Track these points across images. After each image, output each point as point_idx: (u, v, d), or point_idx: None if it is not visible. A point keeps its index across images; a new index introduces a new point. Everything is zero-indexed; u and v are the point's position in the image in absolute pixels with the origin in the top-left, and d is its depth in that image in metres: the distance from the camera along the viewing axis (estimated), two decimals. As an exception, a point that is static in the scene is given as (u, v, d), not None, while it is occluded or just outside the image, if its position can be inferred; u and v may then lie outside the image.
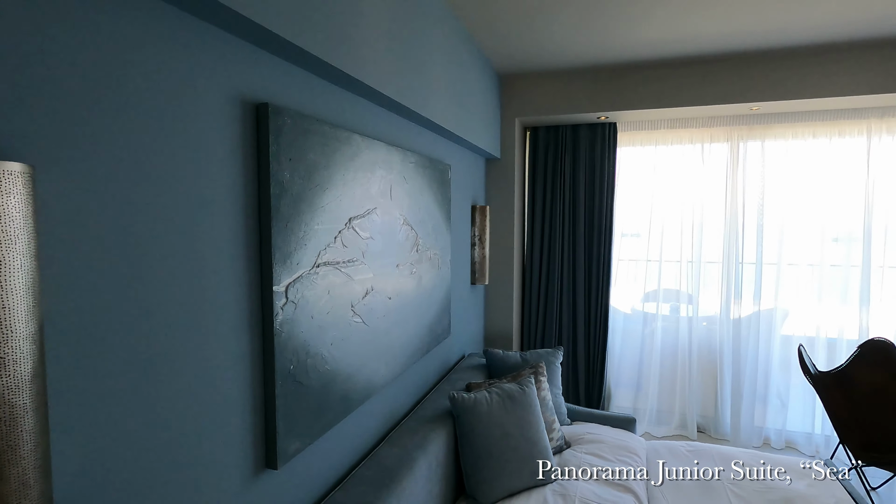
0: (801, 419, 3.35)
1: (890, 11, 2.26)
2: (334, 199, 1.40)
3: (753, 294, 3.39)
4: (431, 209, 2.21)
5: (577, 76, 3.17)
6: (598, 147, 3.46)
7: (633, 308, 3.77)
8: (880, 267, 3.13)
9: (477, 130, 2.72)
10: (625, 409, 3.64)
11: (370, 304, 1.64)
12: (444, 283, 2.43)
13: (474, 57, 2.66)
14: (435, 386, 2.41)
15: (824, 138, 3.16)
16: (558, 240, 3.54)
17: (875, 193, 3.08)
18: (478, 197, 3.19)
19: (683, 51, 2.78)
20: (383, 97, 1.63)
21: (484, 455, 1.92)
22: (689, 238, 3.47)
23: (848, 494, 1.98)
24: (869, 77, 2.70)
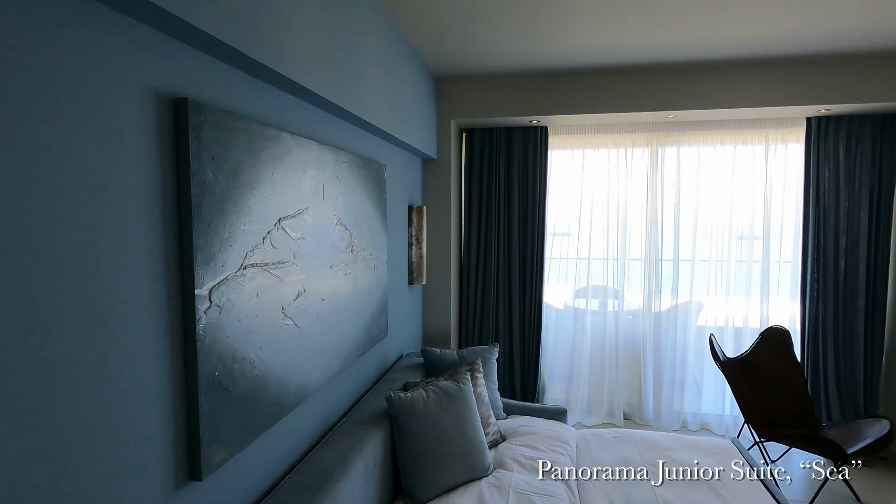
0: (713, 402, 3.66)
1: (784, 32, 2.52)
2: (262, 199, 1.36)
3: (672, 289, 3.65)
4: (366, 209, 2.20)
5: (511, 81, 3.27)
6: (530, 149, 3.58)
7: (565, 304, 3.94)
8: (777, 262, 3.48)
9: (412, 131, 2.74)
10: (558, 400, 3.80)
11: (302, 306, 1.60)
12: (381, 283, 2.42)
13: (409, 58, 2.67)
14: (372, 387, 2.39)
15: (730, 145, 3.47)
16: (494, 239, 3.63)
17: (772, 196, 3.42)
18: (415, 197, 3.21)
19: (609, 61, 2.94)
20: (314, 95, 1.60)
21: (421, 453, 1.94)
22: (615, 237, 3.68)
23: (750, 466, 2.19)
24: (767, 92, 3.00)
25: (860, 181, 3.18)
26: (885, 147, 3.15)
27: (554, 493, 1.98)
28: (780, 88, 2.98)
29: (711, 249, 3.58)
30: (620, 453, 2.34)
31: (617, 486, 2.08)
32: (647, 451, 2.33)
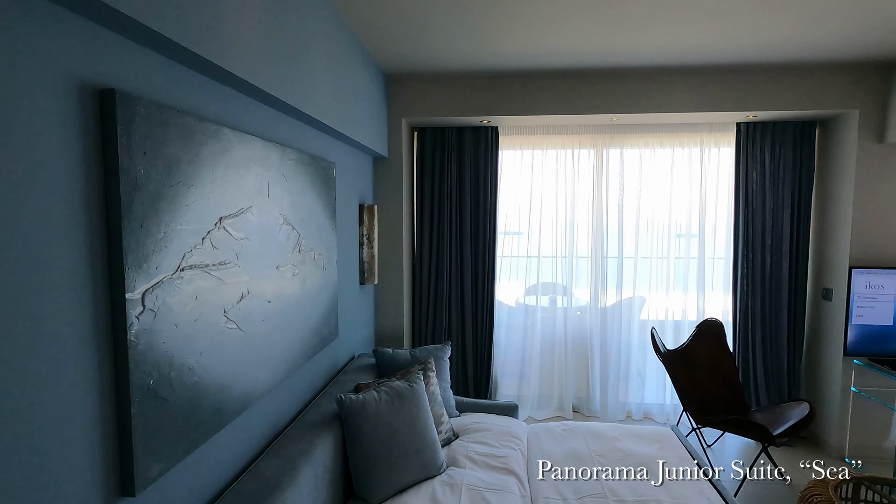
0: (656, 392, 3.85)
1: (715, 43, 2.68)
2: (201, 198, 1.29)
3: (616, 285, 3.80)
4: (315, 208, 2.15)
5: (462, 81, 3.29)
6: (481, 149, 3.62)
7: (516, 301, 4.02)
8: (711, 258, 3.70)
9: (362, 129, 2.70)
10: (510, 396, 3.86)
11: (247, 308, 1.55)
12: (331, 283, 2.37)
13: (359, 55, 2.63)
14: (323, 389, 2.35)
15: (669, 148, 3.66)
16: (446, 238, 3.65)
17: (707, 196, 3.64)
18: (366, 196, 3.17)
19: (556, 64, 3.02)
20: (257, 90, 1.55)
21: (373, 455, 1.92)
22: (564, 235, 3.79)
23: (689, 454, 2.32)
24: (701, 98, 3.18)
25: (783, 183, 3.44)
26: (804, 151, 3.42)
27: (505, 487, 2.01)
28: (712, 95, 3.17)
29: (652, 247, 3.76)
30: (569, 445, 2.41)
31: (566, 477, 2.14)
32: (595, 443, 2.41)
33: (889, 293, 3.05)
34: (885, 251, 3.14)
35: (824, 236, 3.42)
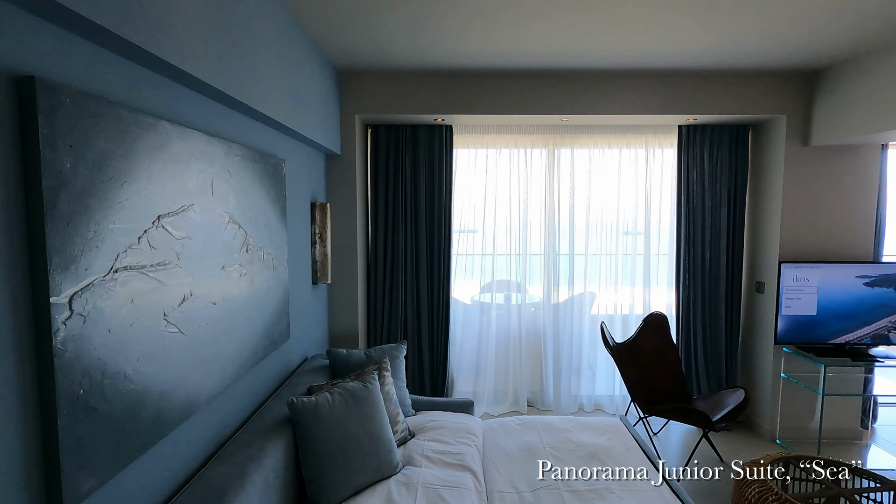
0: (606, 384, 3.98)
1: (658, 49, 2.80)
2: (137, 194, 1.22)
3: (568, 281, 3.91)
4: (264, 206, 2.08)
5: (416, 78, 3.27)
6: (436, 147, 3.62)
7: (472, 299, 4.05)
8: (656, 254, 3.87)
9: (314, 125, 2.64)
10: (466, 393, 3.89)
11: (189, 311, 1.48)
12: (281, 283, 2.30)
13: (309, 49, 2.57)
14: (274, 393, 2.28)
15: (616, 149, 3.79)
16: (401, 237, 3.63)
17: (652, 195, 3.80)
18: (318, 194, 3.10)
19: (509, 64, 3.07)
20: (199, 82, 1.48)
21: (327, 458, 1.88)
22: (517, 233, 3.86)
23: (635, 441, 2.42)
24: (646, 101, 3.31)
25: (720, 182, 3.64)
26: (738, 153, 3.63)
27: (461, 483, 2.03)
28: (655, 98, 3.31)
29: (602, 244, 3.89)
30: (524, 439, 2.45)
31: (519, 470, 2.18)
32: (548, 435, 2.47)
33: (813, 285, 3.30)
34: (810, 246, 3.39)
35: (757, 233, 3.65)
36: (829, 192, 3.36)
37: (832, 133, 3.14)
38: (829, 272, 3.28)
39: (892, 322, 3.27)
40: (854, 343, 3.30)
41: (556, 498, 1.97)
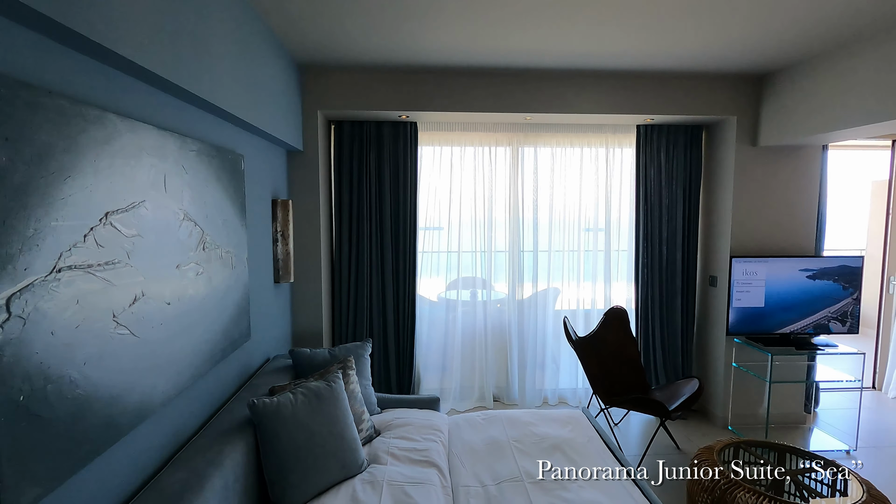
0: (569, 378, 4.07)
1: (617, 50, 2.87)
2: (82, 190, 1.17)
3: (532, 277, 3.97)
4: (221, 203, 2.02)
5: (378, 74, 3.25)
6: (401, 144, 3.61)
7: (438, 296, 4.06)
8: (616, 251, 3.98)
9: (274, 120, 2.58)
10: (433, 390, 3.91)
11: (141, 311, 1.42)
12: (241, 282, 2.25)
13: (268, 42, 2.51)
14: (235, 394, 2.22)
15: (578, 147, 3.87)
16: (366, 234, 3.60)
17: (612, 193, 3.90)
18: (280, 191, 3.03)
19: (473, 62, 3.08)
20: (150, 74, 1.42)
21: (290, 459, 1.85)
22: (483, 230, 3.89)
23: (596, 432, 2.49)
24: (606, 100, 3.40)
25: (676, 181, 3.78)
26: (693, 153, 3.78)
27: (427, 479, 2.03)
28: (615, 98, 3.40)
29: (565, 241, 3.97)
30: (489, 433, 2.48)
31: (484, 464, 2.21)
32: (512, 429, 2.51)
33: (761, 279, 3.47)
34: (758, 241, 3.57)
35: (710, 229, 3.81)
36: (776, 191, 3.55)
37: (778, 134, 3.31)
38: (775, 266, 3.46)
39: (831, 312, 3.48)
40: (798, 333, 3.50)
41: (520, 490, 2.00)
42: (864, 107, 2.70)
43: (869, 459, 3.23)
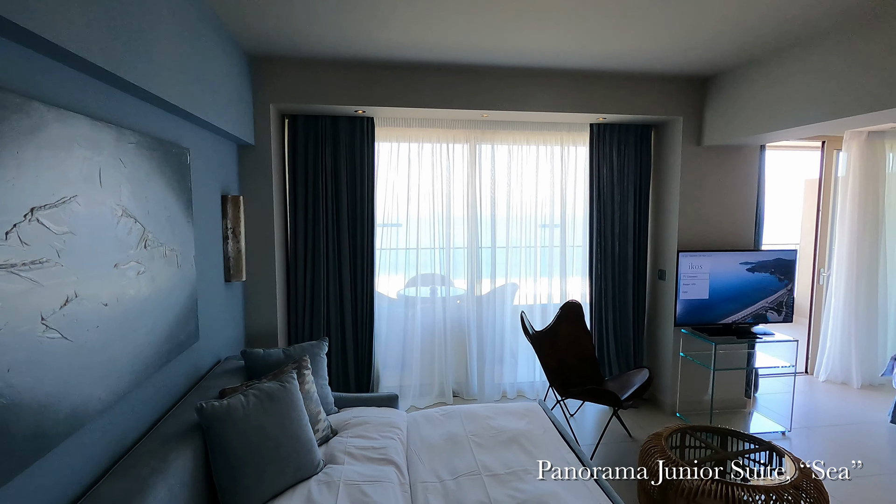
0: (527, 371, 4.15)
1: (571, 50, 2.93)
2: (2, 184, 1.08)
3: (491, 273, 4.02)
4: (165, 199, 1.93)
5: (334, 68, 3.18)
6: (357, 140, 3.56)
7: (398, 293, 4.04)
8: (571, 246, 4.08)
9: (222, 112, 2.48)
10: (392, 387, 3.88)
11: (74, 313, 1.33)
12: (188, 282, 2.15)
13: (216, 31, 2.41)
14: (182, 398, 2.13)
15: (534, 145, 3.94)
16: (322, 231, 3.53)
17: (567, 190, 3.99)
18: (230, 186, 2.92)
19: (429, 57, 3.07)
20: (80, 59, 1.33)
21: (241, 463, 1.80)
22: (441, 227, 3.89)
23: (552, 424, 2.55)
24: (560, 99, 3.47)
25: (628, 178, 3.91)
26: (643, 151, 3.92)
27: (384, 477, 2.02)
28: (569, 97, 3.48)
29: (522, 237, 4.03)
30: (447, 429, 2.49)
31: (442, 459, 2.22)
32: (470, 423, 2.53)
33: (706, 272, 3.65)
34: (703, 236, 3.74)
35: (659, 224, 3.97)
36: (719, 188, 3.73)
37: (720, 134, 3.48)
38: (718, 260, 3.64)
39: (769, 303, 3.70)
40: (739, 322, 3.70)
41: (478, 483, 2.02)
42: (796, 110, 2.88)
43: (802, 439, 3.46)
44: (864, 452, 3.27)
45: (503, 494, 1.94)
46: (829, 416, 3.85)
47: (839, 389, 4.39)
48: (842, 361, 4.49)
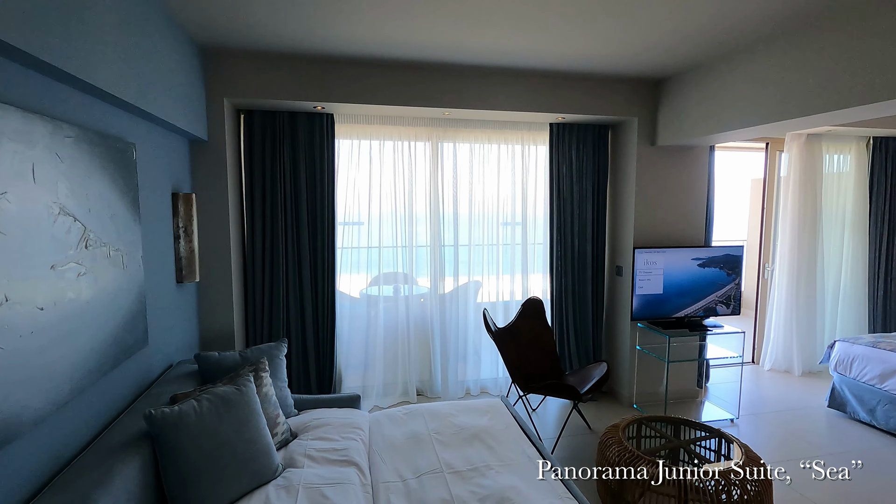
0: (490, 368, 4.19)
1: (532, 50, 2.97)
2: (-83, 179, 1.00)
3: (454, 271, 4.03)
4: (108, 196, 1.83)
5: (291, 62, 3.11)
6: (317, 137, 3.49)
7: (360, 292, 3.99)
8: (532, 244, 4.14)
9: (172, 106, 2.37)
10: (355, 388, 3.84)
11: (5, 319, 1.25)
12: (135, 283, 2.05)
13: (164, 21, 2.30)
14: (130, 406, 2.03)
15: (496, 144, 3.97)
16: (281, 229, 3.44)
17: (528, 188, 4.05)
18: (182, 183, 2.81)
19: (391, 54, 3.04)
20: (12, 49, 1.24)
21: (194, 472, 1.73)
22: (404, 225, 3.87)
23: (513, 419, 2.58)
24: (521, 99, 3.51)
25: (586, 177, 4.00)
26: (601, 151, 4.02)
27: (345, 479, 1.99)
28: (529, 97, 3.52)
29: (484, 235, 4.06)
30: (410, 428, 2.48)
31: (405, 458, 2.21)
32: (433, 421, 2.53)
33: (660, 268, 3.78)
34: (657, 233, 3.88)
35: (617, 222, 4.08)
36: (671, 187, 3.87)
37: (672, 135, 3.61)
38: (671, 256, 3.78)
39: (718, 297, 3.88)
40: (691, 316, 3.86)
41: (440, 481, 2.03)
42: (740, 113, 3.02)
43: (749, 425, 3.65)
44: (804, 436, 3.48)
45: (465, 491, 1.95)
46: (773, 402, 4.07)
47: (782, 377, 4.65)
48: (785, 351, 4.75)
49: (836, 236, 4.79)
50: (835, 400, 3.85)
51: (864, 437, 3.45)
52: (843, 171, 4.76)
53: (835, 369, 3.85)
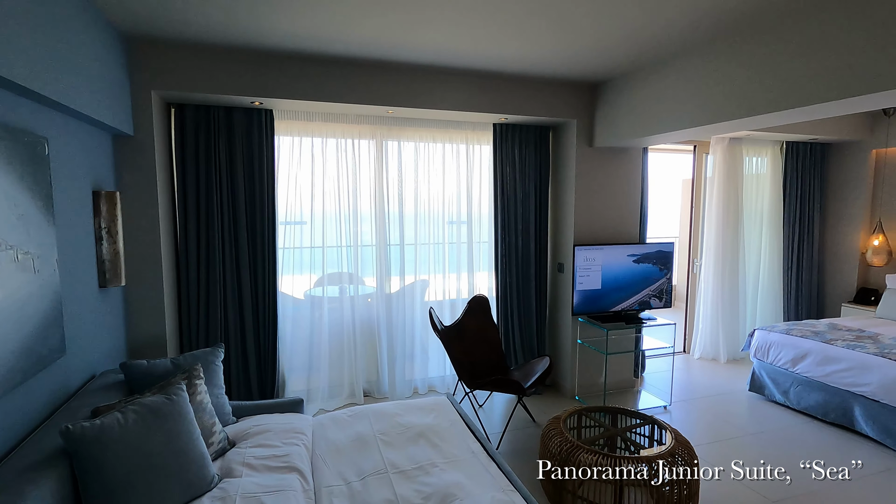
0: (437, 366, 4.21)
1: (476, 50, 3.00)
2: None
3: (400, 270, 4.01)
4: (15, 195, 1.68)
5: (225, 55, 2.97)
6: (255, 133, 3.36)
7: (304, 293, 3.89)
8: (478, 242, 4.20)
9: (90, 97, 2.21)
10: (299, 391, 3.74)
11: None
12: (49, 289, 1.90)
13: (80, 6, 2.13)
14: (45, 421, 1.87)
15: (441, 143, 3.99)
16: (217, 229, 3.29)
17: (472, 187, 4.10)
18: (104, 181, 2.62)
19: (330, 50, 2.97)
20: None
21: (120, 489, 1.62)
22: (348, 224, 3.81)
23: (459, 416, 2.60)
24: (465, 99, 3.54)
25: (529, 177, 4.10)
26: (542, 151, 4.13)
27: (286, 486, 1.93)
28: (473, 97, 3.56)
29: (430, 233, 4.07)
30: (355, 430, 2.45)
31: (349, 461, 2.18)
32: (378, 422, 2.51)
33: (598, 264, 3.94)
34: (595, 231, 4.04)
35: (558, 220, 4.21)
36: (608, 186, 4.05)
37: (607, 137, 3.77)
38: (609, 252, 3.95)
39: (651, 291, 4.09)
40: (627, 310, 4.05)
41: (385, 482, 2.01)
42: (669, 117, 3.20)
43: (680, 411, 3.88)
44: (728, 418, 3.75)
45: (410, 490, 1.95)
46: (701, 389, 4.36)
47: (710, 365, 4.99)
48: (712, 340, 5.09)
49: (756, 233, 5.19)
50: (755, 384, 4.17)
51: (780, 416, 3.77)
52: (761, 172, 5.16)
53: (754, 355, 4.17)
